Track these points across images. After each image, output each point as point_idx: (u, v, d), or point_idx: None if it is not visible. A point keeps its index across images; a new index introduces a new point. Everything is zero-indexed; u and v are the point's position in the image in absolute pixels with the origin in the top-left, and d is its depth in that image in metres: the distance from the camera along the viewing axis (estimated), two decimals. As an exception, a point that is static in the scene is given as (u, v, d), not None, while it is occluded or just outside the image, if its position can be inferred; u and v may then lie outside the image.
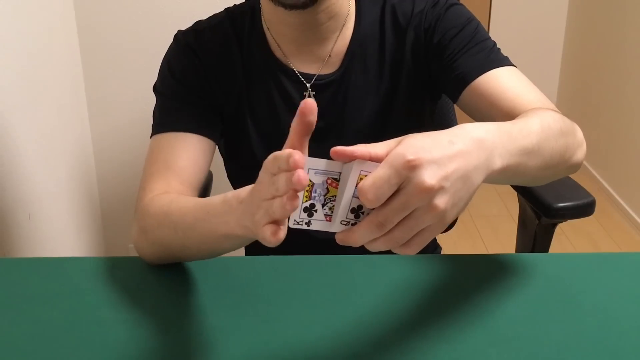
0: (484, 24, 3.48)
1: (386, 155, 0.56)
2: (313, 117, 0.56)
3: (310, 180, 0.56)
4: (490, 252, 2.61)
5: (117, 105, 1.81)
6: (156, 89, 1.03)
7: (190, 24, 1.05)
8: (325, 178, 0.57)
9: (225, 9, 1.04)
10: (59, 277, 0.87)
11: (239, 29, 1.01)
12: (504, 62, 0.95)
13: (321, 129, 0.98)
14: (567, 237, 2.63)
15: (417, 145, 0.56)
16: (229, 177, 1.15)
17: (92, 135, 1.83)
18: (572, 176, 1.22)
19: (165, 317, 0.78)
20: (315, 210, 0.58)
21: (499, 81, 0.91)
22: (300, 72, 1.00)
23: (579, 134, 0.84)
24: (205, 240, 0.75)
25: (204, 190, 1.26)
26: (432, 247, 1.26)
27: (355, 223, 0.59)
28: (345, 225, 0.59)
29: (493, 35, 0.99)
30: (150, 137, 1.00)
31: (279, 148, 0.97)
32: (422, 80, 1.01)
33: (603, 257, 0.93)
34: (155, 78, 1.04)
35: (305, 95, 1.00)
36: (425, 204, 0.55)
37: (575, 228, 2.66)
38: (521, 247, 1.24)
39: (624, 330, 0.75)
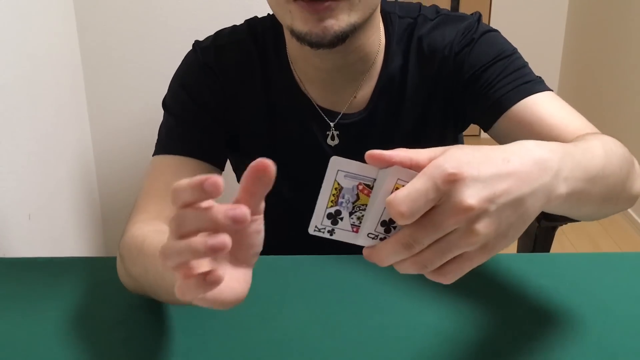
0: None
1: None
2: (267, 179, 0.47)
3: (339, 184, 0.50)
4: (491, 252, 2.59)
5: (118, 105, 1.81)
6: (166, 105, 0.95)
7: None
8: (357, 183, 0.50)
9: (247, 22, 0.96)
10: (59, 277, 0.87)
11: (261, 50, 0.93)
12: (543, 87, 0.88)
13: None
14: (568, 238, 2.63)
15: (461, 159, 0.48)
16: None
17: (92, 136, 1.83)
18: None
19: (164, 316, 0.78)
20: (341, 218, 0.51)
21: (538, 107, 0.84)
22: (322, 109, 0.92)
23: (637, 163, 0.78)
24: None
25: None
26: None
27: (385, 238, 0.52)
28: (373, 239, 0.52)
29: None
30: (153, 155, 0.93)
31: (306, 191, 0.69)
32: (450, 112, 0.95)
33: (603, 257, 0.93)
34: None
35: (328, 134, 0.93)
36: (463, 227, 0.48)
37: (575, 228, 2.66)
38: (521, 250, 1.23)
39: (624, 330, 0.75)
